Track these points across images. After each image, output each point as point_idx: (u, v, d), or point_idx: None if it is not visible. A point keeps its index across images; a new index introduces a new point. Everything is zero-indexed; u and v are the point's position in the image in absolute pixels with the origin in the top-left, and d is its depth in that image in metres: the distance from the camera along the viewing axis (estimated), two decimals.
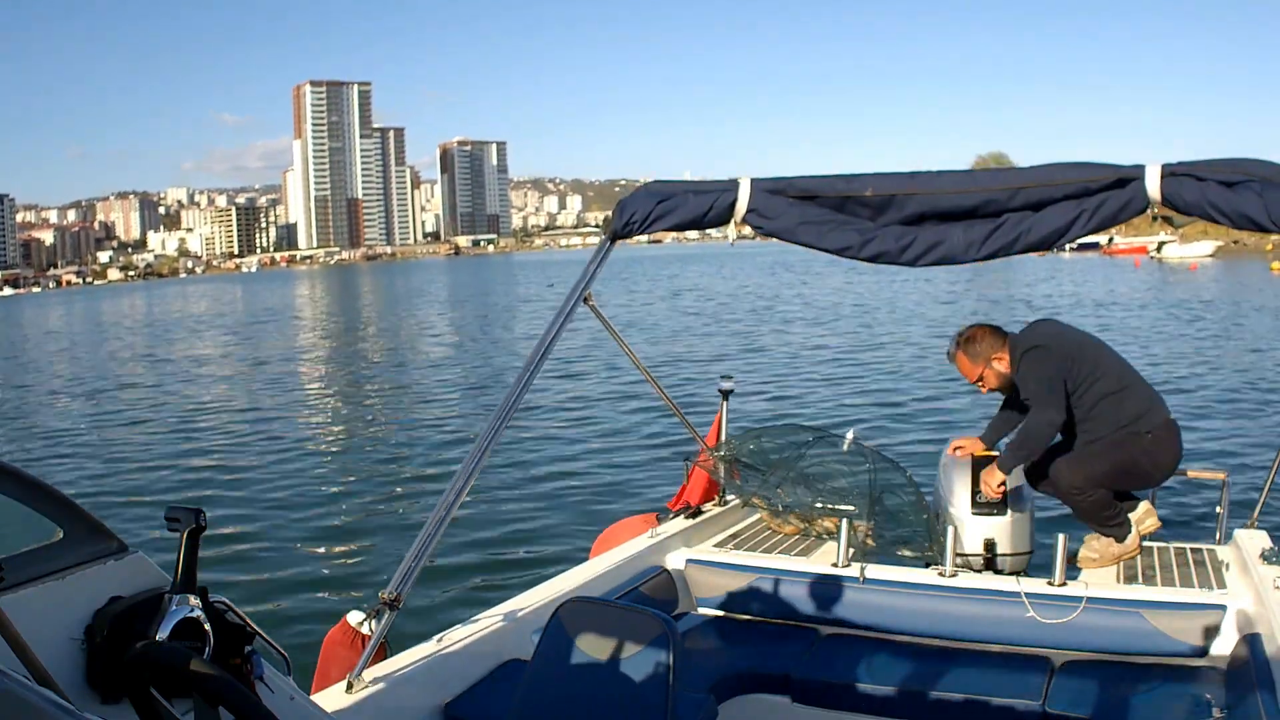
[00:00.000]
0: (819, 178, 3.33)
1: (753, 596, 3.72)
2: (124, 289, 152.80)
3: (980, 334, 3.87)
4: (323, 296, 67.66)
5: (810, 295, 38.98)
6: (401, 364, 23.01)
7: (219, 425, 14.99)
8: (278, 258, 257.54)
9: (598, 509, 8.52)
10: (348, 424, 15.15)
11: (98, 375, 23.95)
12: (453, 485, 2.99)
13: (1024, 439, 3.75)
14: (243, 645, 1.59)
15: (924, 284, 39.37)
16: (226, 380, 21.53)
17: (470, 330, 32.43)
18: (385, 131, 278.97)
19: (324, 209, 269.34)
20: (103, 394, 19.99)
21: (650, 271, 70.60)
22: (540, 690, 2.22)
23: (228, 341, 32.75)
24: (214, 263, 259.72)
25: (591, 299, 3.61)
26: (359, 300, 59.86)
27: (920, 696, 3.07)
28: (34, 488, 1.43)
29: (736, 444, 4.42)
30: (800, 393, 15.24)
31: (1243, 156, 2.90)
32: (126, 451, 13.14)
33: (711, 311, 33.11)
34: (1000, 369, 3.84)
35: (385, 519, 8.84)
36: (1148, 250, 61.58)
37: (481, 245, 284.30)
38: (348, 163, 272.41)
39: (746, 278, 55.12)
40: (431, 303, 50.48)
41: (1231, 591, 3.28)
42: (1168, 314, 25.86)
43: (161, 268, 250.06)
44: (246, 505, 9.58)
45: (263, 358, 26.30)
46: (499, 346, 26.13)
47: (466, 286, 67.20)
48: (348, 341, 31.17)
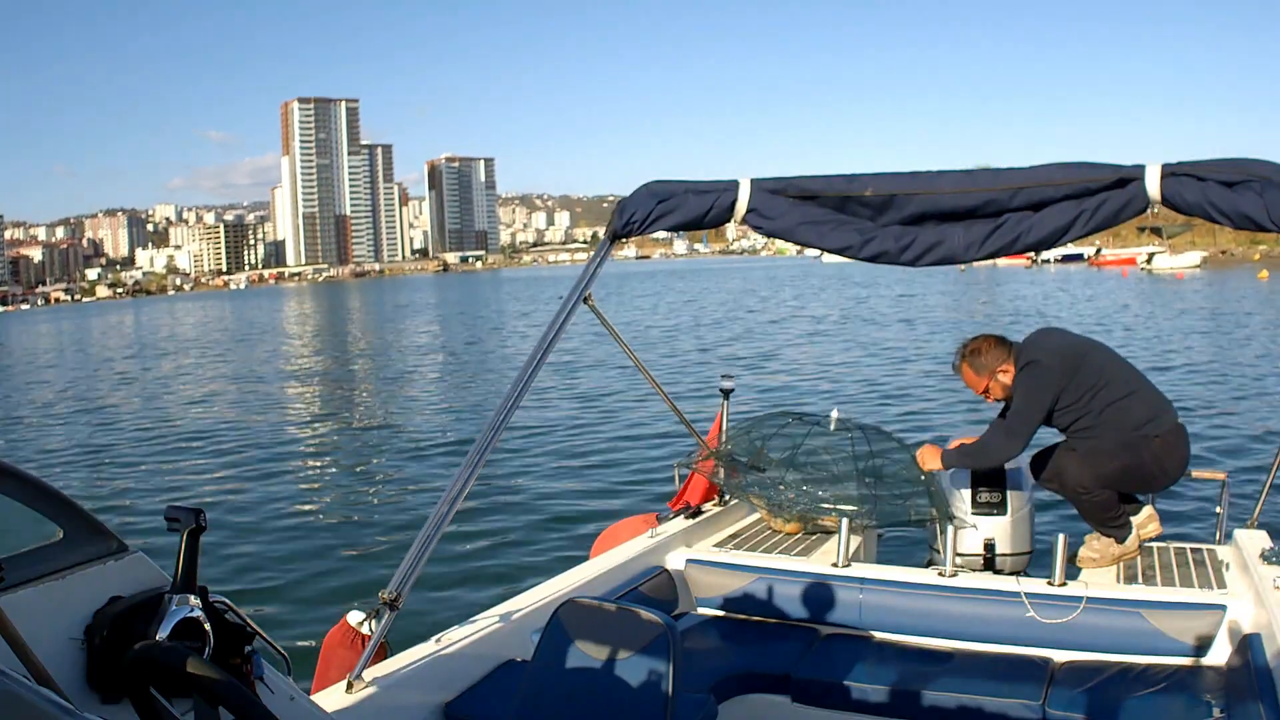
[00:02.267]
0: (819, 178, 3.33)
1: (753, 596, 3.72)
2: (112, 306, 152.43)
3: (985, 346, 3.84)
4: (314, 312, 67.30)
5: (812, 298, 38.98)
6: (400, 370, 23.02)
7: (219, 425, 15.00)
8: (266, 275, 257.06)
9: (598, 509, 8.52)
10: (347, 425, 15.15)
11: (94, 384, 23.94)
12: (452, 485, 2.98)
13: (978, 453, 3.83)
14: (243, 645, 1.59)
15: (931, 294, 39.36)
16: (226, 385, 21.53)
17: (466, 337, 32.46)
18: (373, 148, 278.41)
19: (312, 226, 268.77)
20: (101, 398, 19.99)
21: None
22: (540, 690, 2.22)
23: (224, 352, 32.73)
24: (202, 280, 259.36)
25: (591, 299, 3.61)
26: (351, 315, 59.42)
27: (920, 697, 3.07)
28: (34, 488, 1.43)
29: (730, 441, 4.42)
30: (802, 392, 15.26)
31: (1242, 156, 2.90)
32: (126, 452, 13.14)
33: (713, 311, 33.12)
34: (1005, 381, 3.80)
35: (385, 519, 8.83)
36: (1136, 261, 60.85)
37: (469, 262, 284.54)
38: (336, 179, 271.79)
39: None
40: (424, 317, 50.19)
41: (1231, 592, 3.28)
42: (1163, 322, 25.98)
43: (150, 285, 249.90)
44: (246, 505, 9.58)
45: (260, 365, 26.36)
46: (496, 351, 26.16)
47: (457, 302, 67.08)
48: (344, 350, 31.16)
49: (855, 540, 3.85)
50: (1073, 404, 3.67)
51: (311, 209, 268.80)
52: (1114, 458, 3.65)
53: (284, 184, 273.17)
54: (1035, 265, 68.24)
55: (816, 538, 4.14)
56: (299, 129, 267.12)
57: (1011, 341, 3.87)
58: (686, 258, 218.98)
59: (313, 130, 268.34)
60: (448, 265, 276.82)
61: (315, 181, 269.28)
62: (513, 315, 44.48)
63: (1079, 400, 3.66)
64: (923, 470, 3.93)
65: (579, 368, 18.25)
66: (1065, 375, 3.65)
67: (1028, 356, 3.73)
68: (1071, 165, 3.07)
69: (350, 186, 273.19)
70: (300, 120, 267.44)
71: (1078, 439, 3.76)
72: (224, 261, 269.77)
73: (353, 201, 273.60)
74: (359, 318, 55.70)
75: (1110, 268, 61.56)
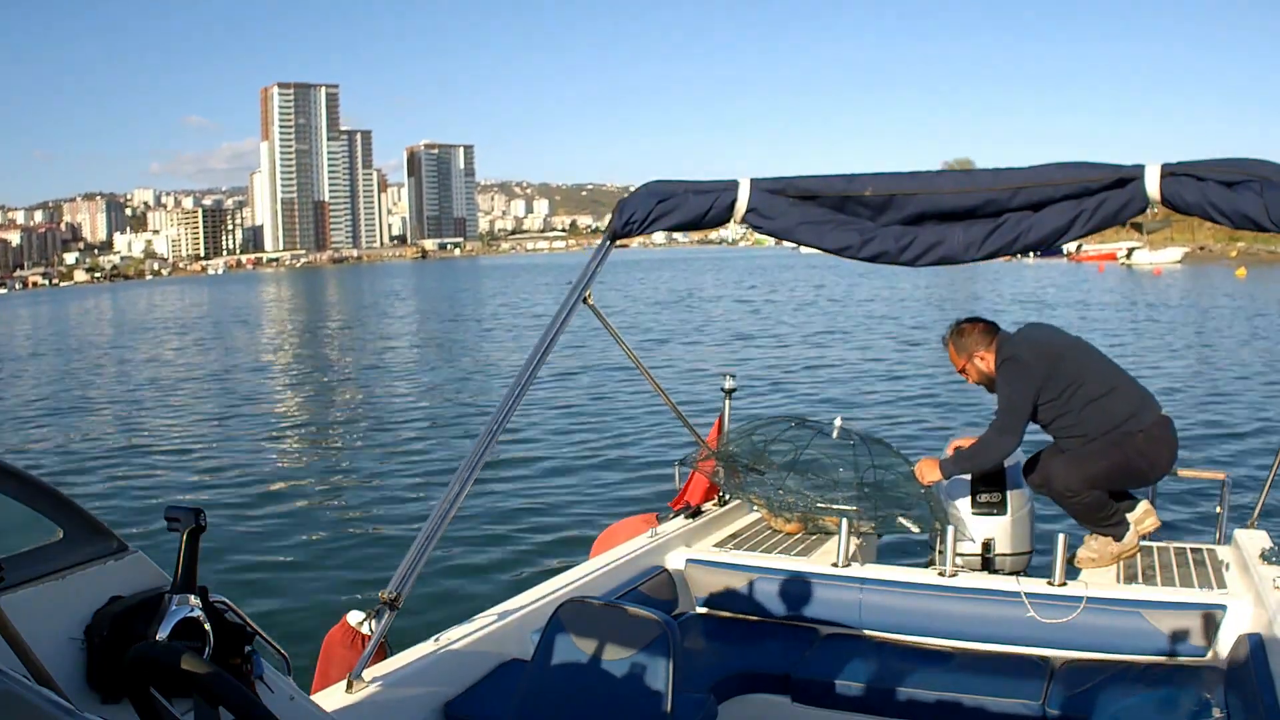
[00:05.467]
0: (819, 177, 3.33)
1: (753, 596, 3.72)
2: (90, 290, 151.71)
3: (970, 329, 3.90)
4: (300, 299, 66.77)
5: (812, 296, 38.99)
6: (398, 366, 22.97)
7: (219, 426, 14.98)
8: (244, 260, 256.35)
9: (598, 509, 8.52)
10: (347, 424, 15.14)
11: (86, 379, 23.90)
12: (452, 485, 2.98)
13: (975, 454, 3.84)
14: (243, 645, 1.59)
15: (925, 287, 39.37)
16: (224, 381, 21.50)
17: (465, 331, 32.38)
18: (352, 134, 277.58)
19: (290, 211, 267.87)
20: (98, 398, 19.98)
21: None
22: (540, 690, 2.22)
23: (217, 343, 32.55)
24: (180, 265, 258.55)
25: (591, 299, 3.61)
26: (335, 304, 58.95)
27: (920, 697, 3.07)
28: (34, 488, 1.43)
29: (731, 442, 4.42)
30: (802, 393, 15.26)
31: (1242, 156, 2.90)
32: (125, 453, 13.13)
33: (713, 312, 33.12)
34: (982, 367, 3.88)
35: (385, 519, 8.82)
36: (1115, 257, 60.28)
37: (448, 249, 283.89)
38: (315, 165, 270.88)
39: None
40: (410, 307, 49.94)
41: (1231, 591, 3.28)
42: (1143, 317, 25.98)
43: (128, 269, 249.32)
44: (246, 505, 9.57)
45: (255, 358, 26.28)
46: (494, 348, 26.11)
47: (441, 291, 66.59)
48: (340, 344, 31.00)
49: (855, 540, 3.86)
50: (1052, 400, 3.70)
51: (290, 194, 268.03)
52: (1100, 457, 3.66)
53: (263, 169, 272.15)
54: (1015, 259, 67.36)
55: (816, 538, 4.15)
56: (278, 114, 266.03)
57: (999, 330, 3.90)
58: (665, 247, 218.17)
59: (292, 115, 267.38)
60: (426, 252, 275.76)
61: (294, 167, 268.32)
62: (503, 308, 44.25)
63: (1058, 397, 3.69)
64: (923, 484, 3.93)
65: (579, 367, 18.25)
66: (1042, 372, 3.68)
67: (1007, 352, 3.77)
68: (1071, 165, 3.07)
69: (329, 172, 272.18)
70: (280, 105, 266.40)
71: (1062, 437, 3.78)
72: (202, 246, 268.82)
73: (331, 187, 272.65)
74: (345, 307, 55.25)
75: (1090, 263, 60.53)
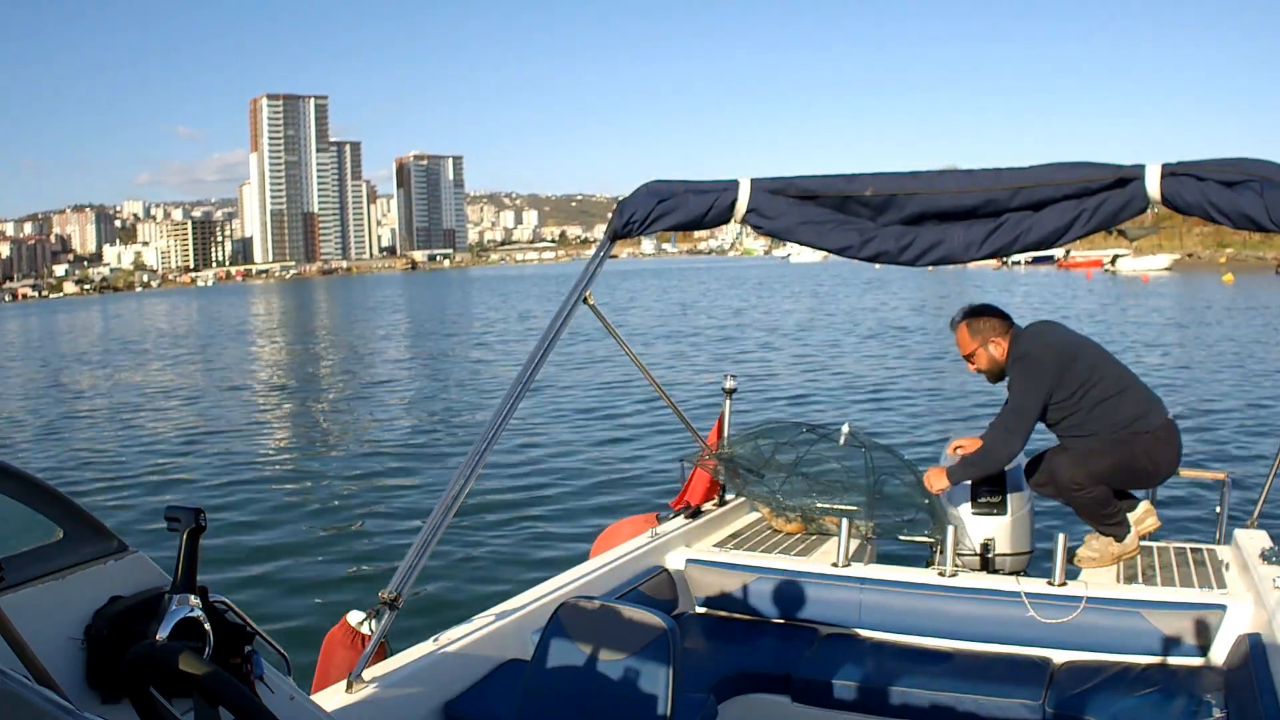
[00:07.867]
0: (819, 177, 3.33)
1: (753, 596, 3.72)
2: (80, 302, 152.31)
3: (988, 313, 3.89)
4: (288, 310, 66.71)
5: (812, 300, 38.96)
6: (398, 369, 22.98)
7: (219, 426, 14.99)
8: (233, 272, 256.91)
9: (598, 509, 8.52)
10: (346, 425, 15.14)
11: (83, 383, 23.90)
12: (452, 485, 2.98)
13: (982, 458, 3.83)
14: (243, 645, 1.59)
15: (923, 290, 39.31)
16: (222, 384, 21.51)
17: (461, 336, 32.36)
18: (342, 145, 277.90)
19: (280, 223, 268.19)
20: (95, 399, 19.98)
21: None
22: (540, 690, 2.22)
23: (211, 350, 32.56)
24: (170, 277, 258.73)
25: (591, 299, 3.60)
26: (326, 313, 58.92)
27: (920, 697, 3.07)
28: (34, 488, 1.43)
29: (735, 445, 4.41)
30: (803, 392, 15.26)
31: (1243, 156, 2.89)
32: (124, 453, 13.13)
33: (713, 312, 33.11)
34: (994, 354, 3.85)
35: (385, 519, 8.82)
36: (1102, 264, 60.16)
37: (438, 260, 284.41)
38: (304, 177, 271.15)
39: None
40: (402, 315, 49.83)
41: (1231, 591, 3.28)
42: (1134, 319, 26.02)
43: (117, 281, 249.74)
44: (246, 505, 9.57)
45: (255, 363, 26.32)
46: (491, 349, 26.11)
47: (430, 300, 66.72)
48: (337, 349, 31.05)
49: (855, 540, 3.86)
50: (1064, 400, 3.69)
51: (280, 206, 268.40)
52: (1106, 454, 3.66)
53: (252, 181, 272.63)
54: (1006, 266, 66.84)
55: (816, 538, 4.14)
56: (268, 125, 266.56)
57: (1013, 322, 3.89)
58: (655, 257, 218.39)
59: (281, 127, 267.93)
60: (415, 263, 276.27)
61: (283, 178, 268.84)
62: (499, 315, 44.31)
63: (1070, 397, 3.68)
64: (931, 494, 3.90)
65: (579, 367, 18.25)
66: (1058, 371, 3.67)
67: (1023, 348, 3.75)
68: (1071, 165, 3.07)
69: (318, 184, 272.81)
70: (269, 117, 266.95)
71: (1068, 437, 3.77)
72: (191, 258, 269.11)
73: (321, 199, 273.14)
74: (338, 317, 55.19)
75: (1078, 269, 60.70)
